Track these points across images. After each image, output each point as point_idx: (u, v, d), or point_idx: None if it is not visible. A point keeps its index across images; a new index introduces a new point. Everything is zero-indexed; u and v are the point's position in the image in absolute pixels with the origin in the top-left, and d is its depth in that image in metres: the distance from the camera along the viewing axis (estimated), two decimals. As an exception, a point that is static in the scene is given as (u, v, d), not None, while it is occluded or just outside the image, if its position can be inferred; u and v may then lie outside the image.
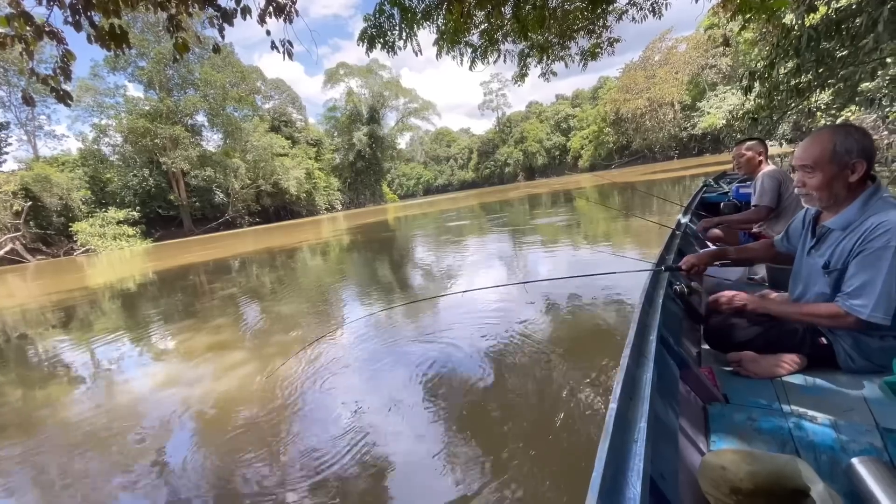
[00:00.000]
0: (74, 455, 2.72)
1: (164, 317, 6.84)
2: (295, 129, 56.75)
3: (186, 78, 41.21)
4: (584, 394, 2.47)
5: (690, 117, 53.67)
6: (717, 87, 49.79)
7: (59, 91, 3.26)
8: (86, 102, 37.32)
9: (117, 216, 36.38)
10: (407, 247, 11.66)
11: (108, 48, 3.35)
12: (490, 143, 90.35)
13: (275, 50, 4.65)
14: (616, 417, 0.90)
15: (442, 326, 4.10)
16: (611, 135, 64.08)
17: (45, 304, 10.05)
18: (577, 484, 1.79)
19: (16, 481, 2.52)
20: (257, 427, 2.69)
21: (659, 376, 1.13)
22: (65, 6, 3.02)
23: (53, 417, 3.41)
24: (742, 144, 3.10)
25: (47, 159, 38.96)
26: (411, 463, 2.11)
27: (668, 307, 1.62)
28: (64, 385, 4.23)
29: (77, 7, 3.02)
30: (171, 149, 38.26)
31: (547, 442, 2.11)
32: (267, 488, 2.06)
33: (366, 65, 57.92)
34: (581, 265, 5.77)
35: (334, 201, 55.93)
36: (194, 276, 11.65)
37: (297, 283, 8.24)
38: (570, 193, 22.68)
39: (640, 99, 56.38)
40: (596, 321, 3.61)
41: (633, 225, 8.64)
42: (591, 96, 76.41)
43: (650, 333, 1.34)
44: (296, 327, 4.92)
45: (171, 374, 4.00)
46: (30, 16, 2.90)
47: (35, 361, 5.28)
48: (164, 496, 2.17)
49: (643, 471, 0.80)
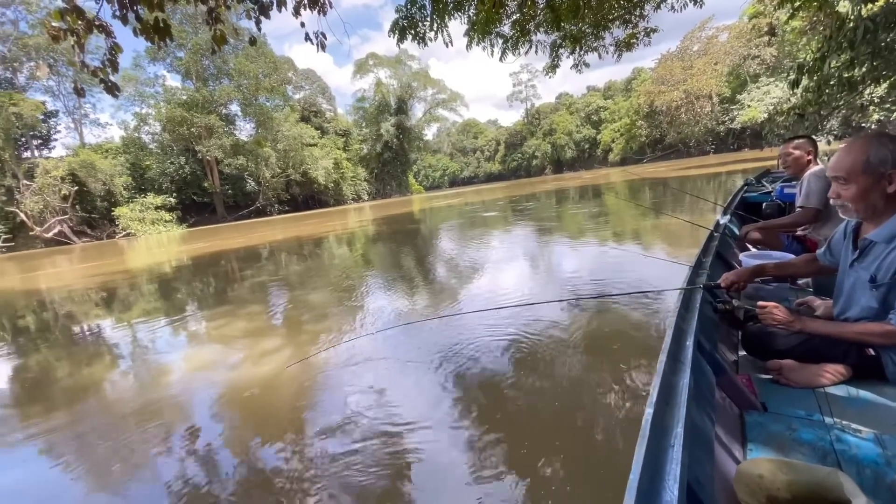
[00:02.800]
0: (116, 428, 2.89)
1: (200, 301, 7.12)
2: (324, 119, 57.47)
3: (221, 68, 42.28)
4: (612, 396, 2.44)
5: (729, 111, 51.34)
6: (760, 79, 47.40)
7: (107, 82, 3.40)
8: (128, 92, 38.80)
9: (155, 202, 37.96)
10: (433, 240, 11.70)
11: (152, 41, 3.47)
12: (518, 135, 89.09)
13: (308, 41, 4.71)
14: (652, 422, 0.90)
15: (469, 326, 4.11)
16: (643, 128, 62.10)
17: (90, 285, 10.62)
18: (604, 485, 1.78)
19: (65, 451, 2.70)
20: (285, 410, 2.79)
21: (695, 382, 1.12)
22: (113, 1, 3.14)
23: (97, 394, 3.62)
24: (790, 142, 2.93)
25: (92, 146, 40.88)
26: (436, 458, 2.15)
27: (704, 312, 1.58)
28: (106, 363, 4.48)
29: (125, 2, 3.14)
30: (206, 137, 39.46)
31: (576, 443, 2.10)
32: (291, 469, 2.14)
33: (395, 56, 57.91)
34: (612, 268, 5.65)
35: (361, 192, 56.54)
36: (227, 262, 12.05)
37: (325, 273, 8.41)
38: (600, 188, 22.19)
39: (676, 91, 54.26)
40: (625, 322, 3.54)
41: (667, 224, 8.40)
42: (624, 88, 74.09)
43: (686, 339, 1.32)
44: (325, 317, 5.04)
45: (207, 357, 4.17)
46: (81, 10, 3.04)
47: (81, 340, 5.60)
48: (196, 467, 2.30)
49: (680, 476, 0.80)
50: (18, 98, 33.70)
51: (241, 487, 2.10)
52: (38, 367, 4.57)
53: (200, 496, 2.06)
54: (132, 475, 2.35)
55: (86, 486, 2.34)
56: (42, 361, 4.76)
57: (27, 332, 6.41)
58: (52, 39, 3.16)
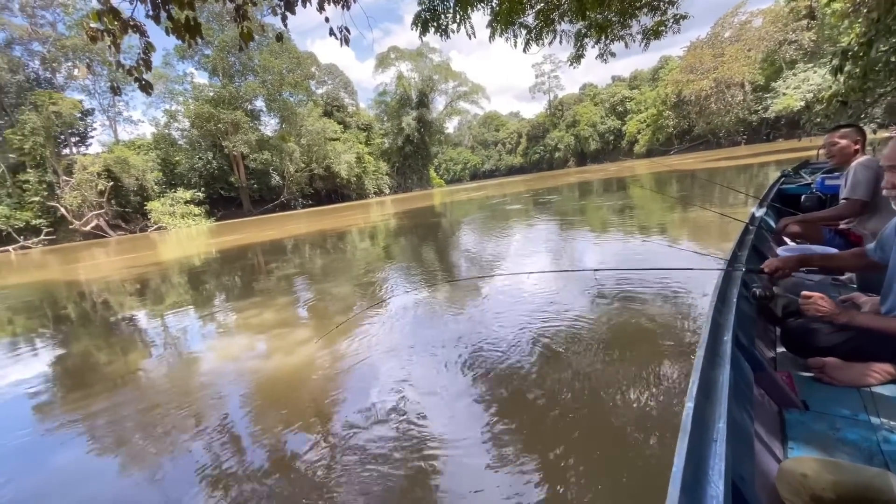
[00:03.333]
0: (152, 412, 3.02)
1: (228, 293, 7.33)
2: (346, 113, 57.99)
3: (247, 64, 43.14)
4: (640, 389, 2.40)
5: (762, 99, 49.15)
6: (797, 66, 45.21)
7: (141, 81, 3.51)
8: (159, 90, 40.00)
9: (185, 196, 39.21)
10: (454, 233, 11.70)
11: (183, 39, 3.56)
12: (540, 127, 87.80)
13: (332, 36, 4.74)
14: (694, 416, 0.91)
15: (495, 314, 4.11)
16: (671, 118, 60.21)
17: (125, 276, 11.07)
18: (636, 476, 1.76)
19: (104, 433, 2.84)
20: (315, 398, 2.85)
21: (733, 378, 1.10)
22: (146, 1, 3.23)
23: (134, 379, 3.79)
24: (835, 131, 2.75)
25: (125, 143, 42.47)
26: (460, 448, 2.16)
27: (741, 307, 1.54)
28: (142, 350, 4.67)
29: (157, 1, 3.23)
30: (233, 133, 40.42)
31: (607, 433, 2.08)
32: (318, 454, 2.19)
33: (416, 49, 57.82)
34: (642, 259, 5.54)
35: (383, 185, 56.94)
36: (253, 255, 12.36)
37: (349, 266, 8.52)
38: (625, 181, 21.71)
39: (706, 80, 52.28)
40: (654, 316, 3.46)
41: (698, 217, 8.16)
42: (651, 77, 71.91)
43: (724, 334, 1.30)
44: (350, 309, 5.11)
45: (237, 347, 4.30)
46: (118, 11, 3.13)
47: (118, 328, 5.86)
48: (226, 451, 2.38)
49: (724, 472, 0.80)
50: (58, 97, 35.21)
51: (269, 467, 2.16)
52: (80, 354, 4.80)
53: (229, 476, 2.13)
54: (166, 456, 2.45)
55: (124, 465, 2.45)
56: (84, 349, 5.00)
57: (69, 320, 6.74)
58: (91, 40, 3.28)
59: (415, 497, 1.86)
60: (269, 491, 2.03)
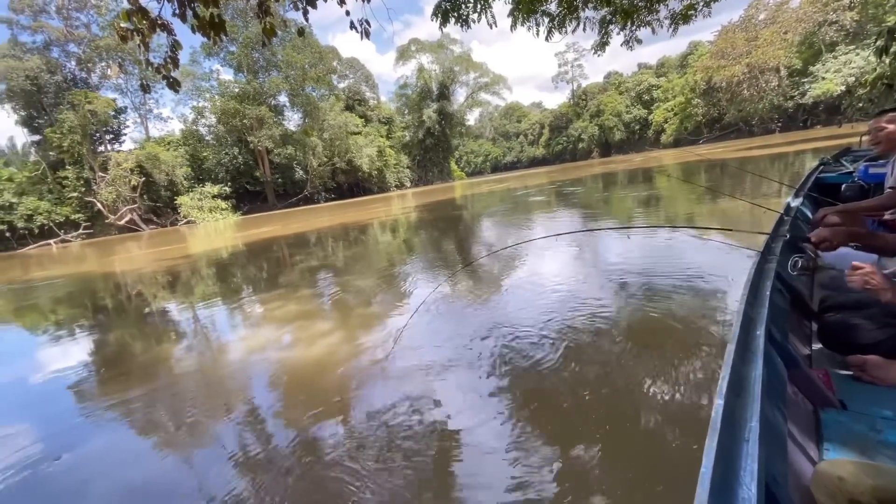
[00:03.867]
0: (184, 398, 3.14)
1: (255, 285, 7.52)
2: (368, 107, 58.28)
3: (270, 60, 43.80)
4: (666, 387, 2.34)
5: (799, 84, 46.77)
6: (838, 48, 42.80)
7: (169, 78, 3.60)
8: (186, 87, 41.06)
9: (212, 191, 40.32)
10: (476, 226, 11.66)
11: (208, 36, 3.63)
12: (563, 118, 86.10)
13: (353, 29, 4.75)
14: (724, 414, 0.87)
15: (514, 307, 4.08)
16: (700, 106, 58.02)
17: (157, 268, 11.50)
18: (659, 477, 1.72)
19: (140, 418, 2.97)
20: (339, 388, 2.90)
21: (766, 375, 1.05)
22: (173, 0, 3.30)
23: (167, 367, 3.94)
24: (882, 116, 2.55)
25: (156, 139, 43.85)
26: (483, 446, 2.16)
27: (774, 301, 1.47)
28: (174, 340, 4.85)
29: (183, 0, 3.29)
30: (257, 128, 41.20)
31: (628, 431, 2.05)
32: (340, 444, 2.23)
33: (437, 40, 57.47)
34: (668, 252, 5.40)
35: (403, 178, 57.14)
36: (278, 247, 12.64)
37: (372, 259, 8.60)
38: (651, 172, 21.13)
39: (738, 65, 50.02)
40: (678, 309, 3.37)
41: (728, 208, 7.87)
42: (679, 64, 69.34)
43: (756, 328, 1.24)
44: (373, 302, 5.17)
45: (264, 338, 4.41)
46: (146, 10, 3.21)
47: (152, 319, 6.09)
48: (254, 439, 2.46)
49: (757, 472, 0.77)
50: (93, 96, 36.61)
51: (295, 450, 2.22)
52: (116, 343, 5.02)
53: (254, 460, 2.20)
54: (195, 439, 2.55)
55: (156, 448, 2.56)
56: (119, 337, 5.22)
57: (109, 310, 7.05)
58: (121, 40, 3.37)
59: (437, 487, 1.87)
60: (294, 471, 2.08)
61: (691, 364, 2.56)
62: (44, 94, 36.57)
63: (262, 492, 2.00)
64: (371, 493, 1.88)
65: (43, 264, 18.61)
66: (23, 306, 8.62)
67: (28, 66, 34.80)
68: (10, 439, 2.91)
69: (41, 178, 37.27)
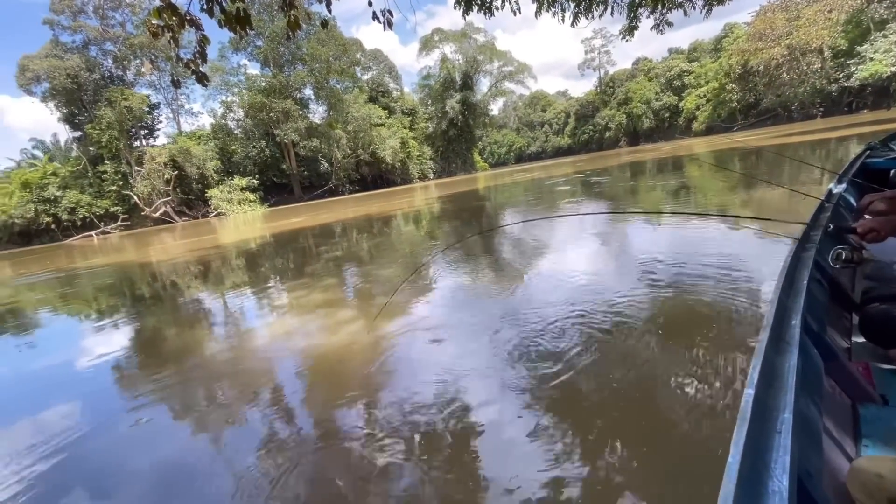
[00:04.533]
0: (214, 382, 3.27)
1: (282, 274, 7.71)
2: (391, 98, 58.41)
3: (295, 53, 44.39)
4: (691, 378, 2.29)
5: (844, 66, 44.04)
6: (888, 26, 40.05)
7: (198, 73, 3.69)
8: (215, 81, 42.14)
9: (241, 183, 41.44)
10: (498, 216, 11.58)
11: (234, 31, 3.70)
12: (589, 106, 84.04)
13: (375, 20, 4.74)
14: (754, 404, 0.83)
15: (538, 296, 4.05)
16: (734, 92, 55.45)
17: (190, 259, 11.94)
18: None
19: (174, 399, 3.11)
20: (362, 372, 2.96)
21: (801, 366, 1.01)
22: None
23: (199, 352, 4.10)
24: None
25: (187, 134, 45.28)
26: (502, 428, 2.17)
27: (812, 290, 1.40)
28: (206, 327, 5.04)
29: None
30: (283, 121, 41.97)
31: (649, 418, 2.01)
32: (361, 426, 2.28)
33: (460, 29, 56.88)
34: (700, 243, 5.24)
35: (426, 170, 57.19)
36: (304, 238, 12.90)
37: (397, 248, 8.68)
38: (681, 160, 20.44)
39: (778, 47, 47.42)
40: (709, 297, 3.27)
41: (764, 196, 7.55)
42: (713, 48, 66.34)
43: (792, 318, 1.18)
44: (396, 289, 5.22)
45: (290, 325, 4.53)
46: (175, 7, 3.29)
47: (185, 306, 6.34)
48: (279, 421, 2.55)
49: (789, 465, 0.74)
50: (128, 93, 38.05)
51: (322, 435, 2.29)
52: (151, 329, 5.26)
53: (283, 444, 2.27)
54: (226, 422, 2.65)
55: (189, 429, 2.69)
56: (154, 324, 5.47)
57: (143, 299, 7.38)
58: (152, 36, 3.48)
59: (458, 478, 1.90)
60: (317, 453, 2.14)
61: (720, 355, 2.49)
62: (83, 91, 38.22)
63: (286, 465, 2.07)
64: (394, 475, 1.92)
65: (86, 254, 19.61)
66: (69, 293, 9.12)
67: (69, 65, 36.41)
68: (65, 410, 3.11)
69: (82, 172, 39.14)
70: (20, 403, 3.59)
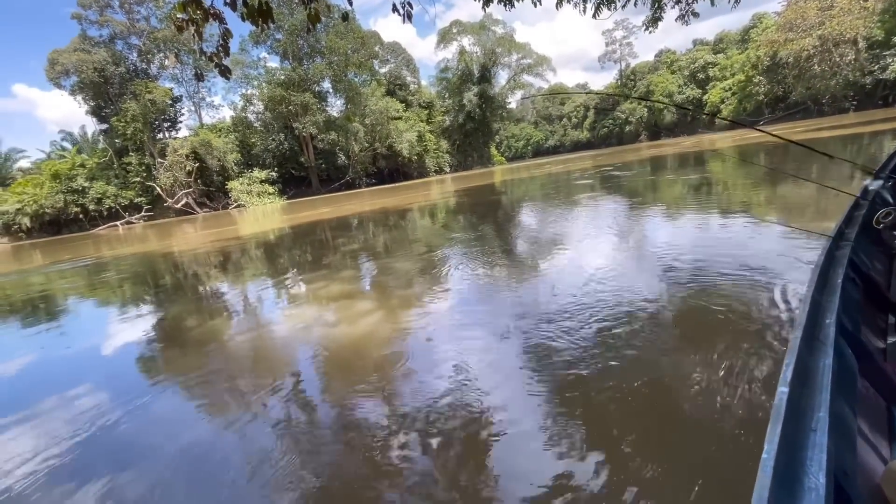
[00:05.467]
0: (236, 371, 3.35)
1: (300, 266, 7.82)
2: (408, 92, 58.28)
3: (314, 47, 44.60)
4: (718, 382, 2.25)
5: (880, 57, 42.15)
6: (928, 15, 38.15)
7: (221, 66, 3.75)
8: (236, 74, 42.63)
9: (260, 176, 42.02)
10: (514, 210, 11.50)
11: (256, 24, 3.73)
12: (609, 99, 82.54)
13: (394, 13, 4.72)
14: (788, 403, 0.82)
15: (554, 294, 4.02)
16: (762, 84, 53.52)
17: (210, 249, 12.20)
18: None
19: (197, 385, 3.20)
20: (378, 364, 2.99)
21: (836, 366, 0.99)
22: (224, -12, 3.41)
23: (219, 342, 4.20)
24: None
25: (208, 126, 46.03)
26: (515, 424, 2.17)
27: (846, 289, 1.38)
28: (225, 317, 5.15)
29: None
30: (302, 115, 42.31)
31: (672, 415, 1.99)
32: (379, 414, 2.31)
33: (478, 21, 56.32)
34: (726, 241, 5.12)
35: (443, 164, 57.03)
36: (322, 231, 13.05)
37: (413, 242, 8.71)
38: (703, 156, 19.93)
39: (809, 38, 45.51)
40: (735, 295, 3.20)
41: (794, 193, 7.32)
42: (740, 39, 64.10)
43: (826, 317, 1.17)
44: (413, 283, 5.25)
45: (309, 316, 4.60)
46: (200, 1, 3.34)
47: (206, 297, 6.49)
48: (297, 408, 2.61)
49: (826, 464, 0.74)
50: (152, 86, 38.84)
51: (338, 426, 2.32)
52: (173, 318, 5.40)
53: (299, 433, 2.32)
54: (245, 411, 2.71)
55: (209, 417, 2.76)
56: (177, 313, 5.62)
57: (166, 288, 7.58)
58: (178, 30, 3.54)
59: (472, 473, 1.91)
60: (333, 443, 2.18)
61: (748, 355, 2.43)
62: (110, 84, 39.13)
63: (302, 451, 2.11)
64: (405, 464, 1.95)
65: (111, 243, 20.22)
66: (96, 281, 9.43)
67: (96, 59, 37.29)
68: (89, 394, 3.23)
69: (108, 163, 40.22)
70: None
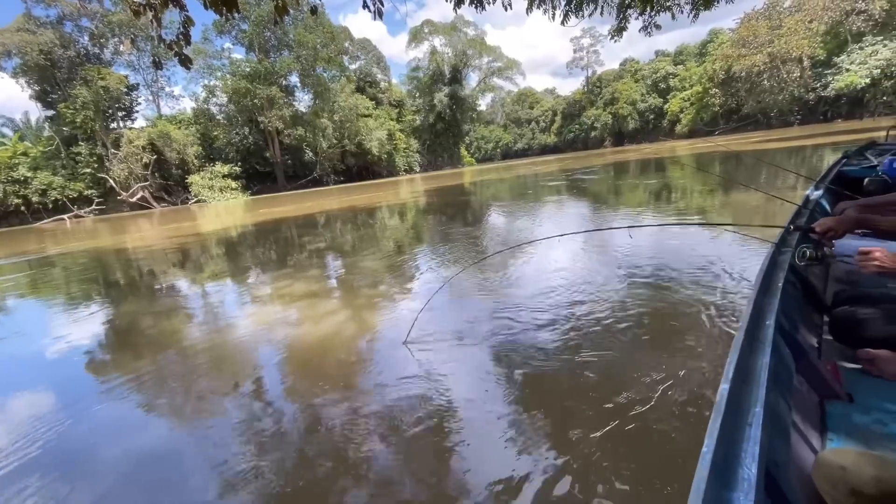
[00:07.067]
0: (191, 374, 3.21)
1: (263, 265, 7.59)
2: (379, 89, 57.78)
3: (282, 39, 43.48)
4: (667, 376, 2.35)
5: (822, 76, 45.43)
6: (865, 38, 41.40)
7: (181, 55, 3.59)
8: (198, 65, 40.95)
9: (223, 171, 40.57)
10: (484, 211, 11.62)
11: (220, 13, 3.60)
12: (576, 105, 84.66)
13: (365, 9, 4.68)
14: (728, 399, 0.89)
15: (524, 291, 4.09)
16: (718, 96, 56.61)
17: (167, 246, 11.65)
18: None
19: (149, 391, 3.04)
20: (343, 364, 2.95)
21: (773, 364, 1.07)
22: (186, -27, 3.27)
23: (175, 343, 4.01)
24: None
25: (167, 117, 43.97)
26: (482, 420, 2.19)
27: (787, 292, 1.48)
28: (182, 317, 4.94)
29: (196, -27, 3.26)
30: (268, 108, 41.12)
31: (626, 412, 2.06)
32: (341, 414, 2.28)
33: (450, 22, 56.59)
34: (678, 245, 5.35)
35: (413, 163, 56.89)
36: (287, 228, 12.72)
37: (379, 241, 8.63)
38: (663, 162, 20.80)
39: (760, 54, 48.50)
40: (686, 299, 3.36)
41: (743, 201, 7.75)
42: (698, 52, 67.43)
43: (766, 318, 1.25)
44: (380, 282, 5.20)
45: (270, 316, 4.47)
46: (159, -16, 3.19)
47: (161, 296, 6.19)
48: (258, 410, 2.52)
49: (758, 455, 0.78)
50: (106, 72, 36.71)
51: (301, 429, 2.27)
52: (125, 318, 5.12)
53: (261, 435, 2.26)
54: (202, 414, 2.61)
55: (163, 422, 2.63)
56: (129, 313, 5.32)
57: (118, 286, 7.18)
58: (134, 15, 3.37)
59: (438, 469, 1.91)
60: (294, 446, 2.13)
61: (696, 354, 2.56)
62: (57, 69, 36.71)
63: (267, 457, 2.05)
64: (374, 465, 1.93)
65: (57, 238, 18.94)
66: (39, 279, 8.81)
67: (42, 41, 34.89)
68: (32, 400, 3.01)
69: (55, 153, 37.69)
70: None
